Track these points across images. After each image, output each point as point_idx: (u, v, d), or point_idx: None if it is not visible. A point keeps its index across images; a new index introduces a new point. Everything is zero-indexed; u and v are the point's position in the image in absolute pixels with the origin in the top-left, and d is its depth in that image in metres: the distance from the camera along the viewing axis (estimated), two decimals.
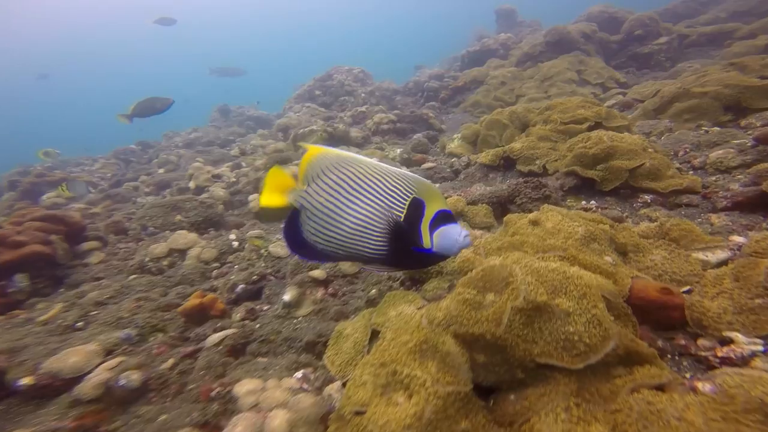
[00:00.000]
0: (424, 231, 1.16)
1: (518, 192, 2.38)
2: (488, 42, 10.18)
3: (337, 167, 1.18)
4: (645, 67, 6.61)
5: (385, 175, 1.17)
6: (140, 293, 2.58)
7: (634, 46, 6.93)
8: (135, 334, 2.21)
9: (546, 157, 2.75)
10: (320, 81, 10.38)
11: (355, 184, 1.16)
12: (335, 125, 6.38)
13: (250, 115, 11.51)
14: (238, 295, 2.60)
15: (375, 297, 2.00)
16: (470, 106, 7.58)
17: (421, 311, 1.30)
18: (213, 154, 7.89)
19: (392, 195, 1.15)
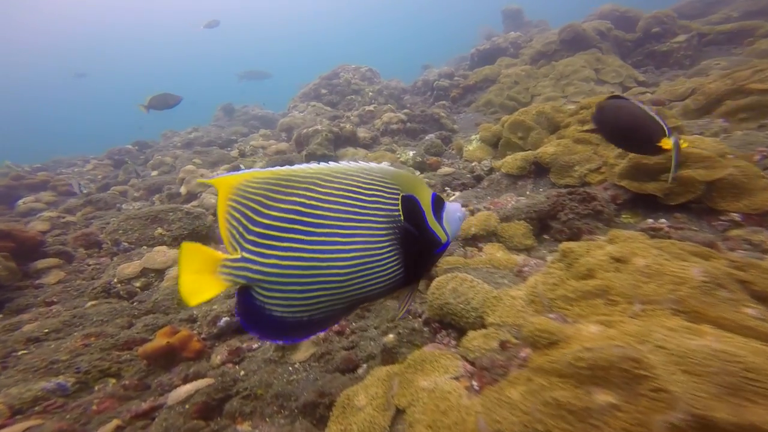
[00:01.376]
0: (434, 226, 0.98)
1: (561, 206, 1.91)
2: (498, 40, 9.80)
3: (280, 194, 0.86)
4: (664, 65, 6.18)
5: (354, 181, 0.89)
6: (94, 326, 2.11)
7: (652, 44, 6.51)
8: (72, 383, 1.72)
9: (587, 163, 2.28)
10: (326, 79, 10.03)
11: (322, 209, 0.86)
12: (341, 125, 5.93)
13: (255, 114, 11.12)
14: (221, 330, 2.12)
15: (393, 345, 1.53)
16: (483, 105, 7.16)
17: (473, 400, 0.83)
18: (212, 155, 7.41)
19: (379, 201, 0.90)
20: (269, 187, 0.86)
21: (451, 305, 1.37)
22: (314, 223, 0.85)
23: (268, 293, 0.87)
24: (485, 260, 1.72)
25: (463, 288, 1.40)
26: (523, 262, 1.61)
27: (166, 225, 3.26)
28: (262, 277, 0.86)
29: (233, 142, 8.45)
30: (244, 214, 0.86)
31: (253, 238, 0.85)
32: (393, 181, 0.94)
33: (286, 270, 0.85)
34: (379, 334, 1.78)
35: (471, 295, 1.34)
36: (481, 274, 1.56)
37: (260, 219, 0.85)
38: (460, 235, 2.13)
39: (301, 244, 0.85)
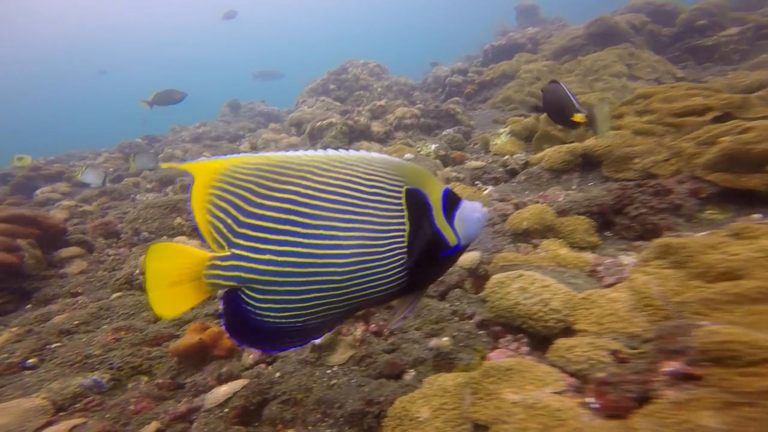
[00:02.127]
0: (441, 225, 0.87)
1: (629, 199, 1.75)
2: (515, 36, 9.62)
3: (274, 182, 0.76)
4: (707, 60, 5.90)
5: (353, 171, 0.80)
6: (122, 319, 2.00)
7: (694, 38, 6.22)
8: (107, 380, 1.62)
9: (651, 155, 2.12)
10: (335, 74, 10.08)
11: (320, 200, 0.77)
12: (356, 118, 5.80)
13: (260, 110, 11.15)
14: None
15: (450, 350, 1.39)
16: (500, 101, 6.97)
17: (602, 422, 0.69)
18: (221, 149, 7.46)
19: (380, 194, 0.81)
20: (262, 173, 0.76)
21: (523, 307, 1.23)
22: (311, 214, 0.76)
23: (260, 296, 0.77)
24: (547, 257, 1.58)
25: (535, 288, 1.26)
26: (596, 261, 1.46)
27: (185, 214, 3.15)
28: (254, 276, 0.75)
29: (241, 137, 8.49)
30: (233, 203, 0.74)
31: (244, 231, 0.75)
32: (396, 173, 0.83)
33: (281, 267, 0.75)
34: (422, 336, 1.64)
35: (547, 296, 1.20)
36: (547, 273, 1.42)
37: (253, 209, 0.75)
38: (509, 230, 1.99)
39: (298, 238, 0.75)
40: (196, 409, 1.50)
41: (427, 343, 1.58)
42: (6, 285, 2.30)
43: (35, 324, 2.03)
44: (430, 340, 1.57)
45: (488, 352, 1.29)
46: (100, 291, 2.40)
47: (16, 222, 2.43)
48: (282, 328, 0.79)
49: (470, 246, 1.13)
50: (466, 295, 1.78)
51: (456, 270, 1.88)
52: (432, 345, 1.52)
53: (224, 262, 0.75)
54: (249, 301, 0.77)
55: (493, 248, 1.93)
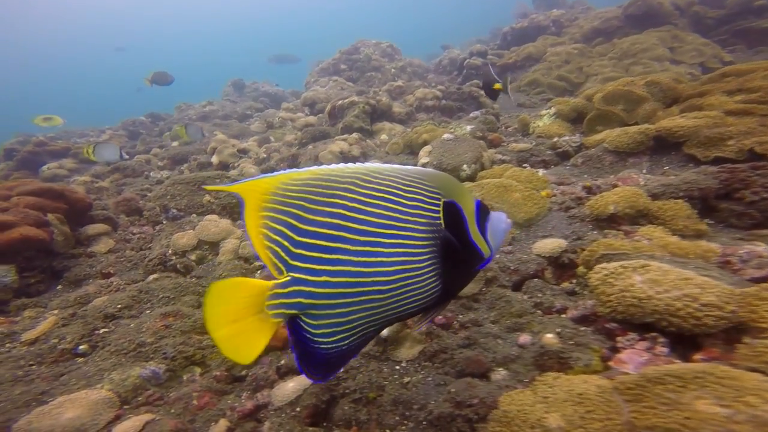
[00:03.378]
0: (476, 238, 0.87)
1: (743, 183, 1.56)
2: (538, 18, 9.23)
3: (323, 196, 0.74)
4: (760, 44, 5.56)
5: (392, 182, 0.79)
6: (166, 304, 1.83)
7: (748, 20, 5.85)
8: (164, 371, 1.47)
9: (751, 136, 1.91)
10: (346, 54, 9.82)
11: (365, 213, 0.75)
12: (378, 98, 5.53)
13: (265, 91, 10.95)
14: None
15: (559, 348, 1.21)
16: (526, 85, 6.67)
17: None
18: (232, 128, 7.26)
19: (420, 207, 0.80)
20: (310, 189, 0.74)
21: (658, 302, 1.05)
22: (358, 229, 0.74)
23: (315, 321, 0.75)
24: (655, 245, 1.40)
25: (671, 280, 1.08)
26: (726, 251, 1.28)
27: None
28: (313, 301, 0.73)
29: (249, 117, 8.31)
30: (287, 224, 0.72)
31: (300, 252, 0.73)
32: (433, 184, 0.82)
33: (335, 289, 0.73)
34: (503, 330, 1.48)
35: (693, 290, 1.02)
36: (665, 263, 1.24)
37: (306, 227, 0.73)
38: (589, 215, 1.80)
39: (348, 255, 0.73)
40: (263, 406, 1.35)
41: (512, 338, 1.42)
42: (37, 263, 2.12)
43: (76, 306, 1.87)
44: (517, 336, 1.41)
45: (607, 352, 1.13)
46: (132, 272, 2.23)
47: (44, 195, 2.23)
48: (333, 354, 0.78)
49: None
50: (547, 286, 1.62)
51: (532, 258, 1.71)
52: (521, 342, 1.36)
53: (285, 289, 0.73)
54: (307, 328, 0.75)
55: (573, 235, 1.75)
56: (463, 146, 3.15)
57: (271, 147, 4.85)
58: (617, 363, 1.03)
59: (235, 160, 4.60)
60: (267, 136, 5.86)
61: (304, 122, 6.43)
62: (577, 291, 1.53)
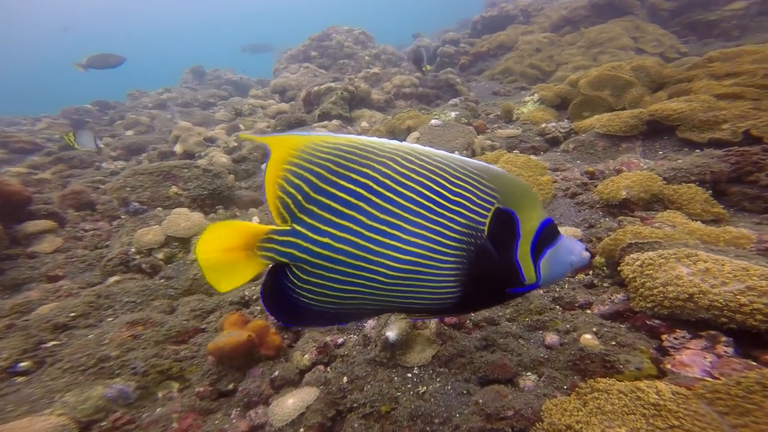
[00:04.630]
0: (523, 259, 0.76)
1: (756, 166, 1.54)
2: (507, 7, 9.31)
3: (354, 163, 0.71)
4: (707, 36, 5.89)
5: (440, 169, 0.72)
6: (132, 310, 1.55)
7: (696, 13, 6.17)
8: (134, 388, 1.21)
9: (746, 119, 1.92)
10: (317, 41, 9.59)
11: (394, 192, 0.71)
12: (356, 84, 5.28)
13: (228, 78, 10.55)
14: None
15: (600, 350, 1.10)
16: (499, 73, 6.67)
17: None
18: (195, 116, 6.75)
19: (464, 204, 0.72)
20: (341, 153, 0.72)
21: (715, 296, 0.96)
22: (380, 206, 0.71)
23: (304, 276, 0.74)
24: (682, 232, 1.33)
25: (728, 271, 0.99)
26: (763, 237, 1.23)
27: (182, 183, 2.61)
28: (307, 256, 0.72)
29: (212, 105, 7.93)
30: (306, 180, 0.71)
31: (311, 207, 0.72)
32: (492, 185, 0.74)
33: (335, 254, 0.72)
34: (523, 329, 1.36)
35: (757, 282, 0.94)
36: (706, 252, 1.16)
37: (325, 186, 0.71)
38: (599, 201, 1.73)
39: (360, 227, 0.71)
40: (259, 427, 1.15)
41: (536, 338, 1.31)
42: None
43: (14, 316, 1.52)
44: (542, 336, 1.29)
45: (655, 353, 1.04)
46: (86, 274, 1.89)
47: None
48: (313, 310, 0.77)
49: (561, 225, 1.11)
50: (565, 279, 1.52)
51: None
52: (549, 342, 1.25)
53: (282, 237, 0.72)
54: (292, 278, 0.75)
55: (584, 223, 1.68)
56: (452, 132, 3.02)
57: None
58: (678, 366, 0.93)
59: (201, 149, 4.19)
60: (236, 124, 5.44)
61: (276, 109, 6.04)
62: (595, 283, 1.45)
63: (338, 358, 1.48)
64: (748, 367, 0.86)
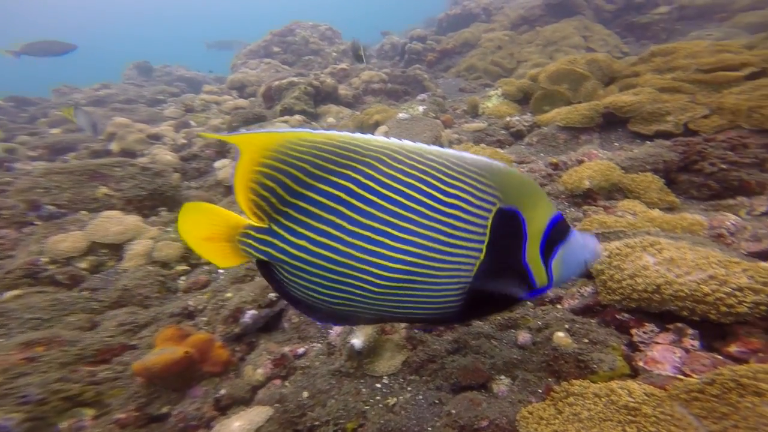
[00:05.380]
0: (533, 261, 0.70)
1: (701, 155, 1.57)
2: (470, 5, 9.53)
3: (333, 164, 0.66)
4: (643, 37, 6.31)
5: (433, 168, 0.66)
6: (36, 328, 1.29)
7: (632, 15, 6.60)
8: (19, 421, 0.98)
9: (686, 111, 1.99)
10: (279, 36, 9.35)
11: (379, 195, 0.65)
12: (321, 79, 5.07)
13: (180, 75, 10.02)
14: (246, 328, 1.44)
15: (574, 349, 1.02)
16: (464, 70, 6.76)
17: None
18: (139, 113, 6.21)
19: (460, 207, 0.66)
20: (320, 153, 0.66)
21: (681, 287, 0.91)
22: (363, 210, 0.66)
23: (288, 275, 0.72)
24: (643, 220, 1.31)
25: (692, 260, 0.96)
26: (713, 223, 1.23)
27: (114, 183, 2.29)
28: (284, 257, 0.69)
29: (161, 102, 7.30)
30: (281, 182, 0.66)
31: (287, 210, 0.68)
32: (493, 183, 0.67)
33: (314, 258, 0.68)
34: (494, 329, 1.29)
35: (719, 271, 0.90)
36: (669, 240, 1.13)
37: (301, 189, 0.67)
38: (564, 191, 1.70)
39: (341, 233, 0.66)
40: None
41: (508, 337, 1.23)
42: None
43: None
44: (514, 335, 1.22)
45: (626, 349, 0.98)
46: None
47: None
48: (308, 303, 0.74)
49: None
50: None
51: None
52: (521, 341, 1.17)
53: (258, 234, 0.69)
54: (280, 272, 0.72)
55: None
56: (420, 125, 2.93)
57: (192, 132, 4.10)
58: (650, 363, 0.88)
59: (144, 147, 3.78)
60: (186, 121, 5.02)
61: (233, 105, 5.69)
62: None
63: (298, 371, 1.33)
64: (715, 362, 0.82)
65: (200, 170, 3.28)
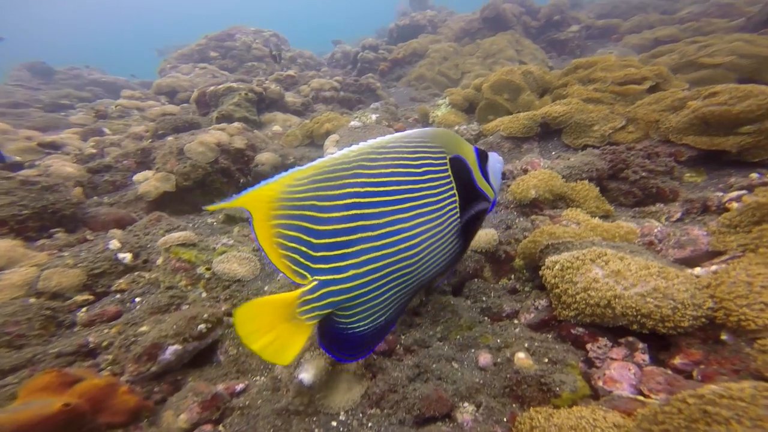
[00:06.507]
0: (482, 184, 0.93)
1: (624, 163, 1.67)
2: (417, 17, 9.84)
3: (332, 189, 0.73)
4: (563, 52, 6.97)
5: (399, 153, 0.79)
6: None
7: (552, 32, 7.26)
8: None
9: (608, 122, 2.13)
10: (217, 40, 8.82)
11: (378, 194, 0.75)
12: (265, 85, 4.78)
13: (94, 79, 9.08)
14: (167, 366, 1.21)
15: (536, 371, 0.95)
16: (414, 79, 6.89)
17: None
18: (31, 118, 5.35)
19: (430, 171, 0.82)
20: (318, 185, 0.71)
21: (629, 301, 0.91)
22: (375, 213, 0.74)
23: (350, 311, 0.76)
24: (587, 229, 1.33)
25: (635, 272, 0.96)
26: (644, 231, 1.27)
27: None
28: (344, 296, 0.74)
29: (67, 108, 6.50)
30: (302, 228, 0.71)
31: (322, 254, 0.72)
32: (436, 143, 0.85)
33: (364, 278, 0.74)
34: (455, 350, 1.22)
35: (660, 283, 0.91)
36: (617, 250, 1.15)
37: (322, 227, 0.72)
38: (513, 201, 1.71)
39: (370, 242, 0.74)
40: None
41: (469, 359, 1.16)
42: None
43: None
44: (475, 355, 1.15)
45: (583, 366, 0.95)
46: None
47: None
48: (370, 334, 0.80)
49: None
50: (489, 286, 1.42)
51: (468, 255, 1.50)
52: (482, 363, 1.11)
53: (314, 294, 0.72)
54: (340, 319, 0.76)
55: (502, 224, 1.62)
56: (372, 133, 2.84)
57: (104, 141, 3.57)
58: (609, 383, 0.85)
59: (34, 157, 3.20)
60: (98, 128, 4.39)
61: (160, 111, 5.12)
62: (518, 288, 1.38)
63: (236, 411, 1.13)
64: (668, 379, 0.81)
65: (115, 183, 2.85)
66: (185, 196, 2.62)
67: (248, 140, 3.02)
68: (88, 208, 2.36)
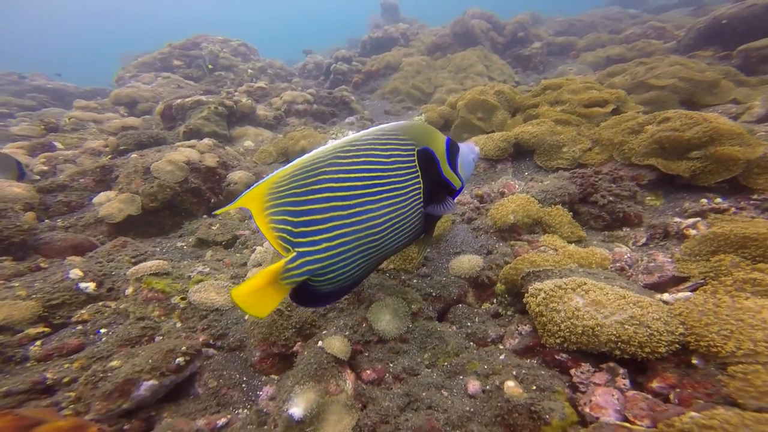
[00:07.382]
0: (448, 174, 1.09)
1: (593, 187, 1.78)
2: (390, 30, 9.98)
3: (309, 179, 0.93)
4: (527, 68, 7.37)
5: (370, 145, 0.97)
6: None
7: (517, 48, 7.66)
8: None
9: (576, 144, 2.27)
10: (181, 49, 8.54)
11: (350, 180, 0.94)
12: (236, 98, 4.64)
13: (39, 85, 8.48)
14: (141, 401, 1.12)
15: (526, 399, 0.98)
16: (389, 92, 6.98)
17: None
18: None
19: (398, 160, 0.99)
20: (298, 178, 0.92)
21: (609, 329, 0.97)
22: (346, 195, 0.93)
23: (321, 278, 0.95)
24: (564, 256, 1.40)
25: (613, 301, 1.02)
26: (615, 257, 1.36)
27: None
28: (318, 265, 0.93)
29: (5, 116, 6.22)
30: (286, 212, 0.92)
31: (300, 230, 0.92)
32: (407, 136, 1.00)
33: (334, 250, 0.93)
34: (443, 377, 1.23)
35: (636, 311, 0.98)
36: (593, 279, 1.22)
37: (300, 208, 0.91)
38: (492, 226, 1.77)
39: (341, 220, 0.93)
40: None
41: (458, 386, 1.17)
42: None
43: None
44: (464, 382, 1.16)
45: (569, 392, 0.99)
46: None
47: None
48: (336, 291, 1.00)
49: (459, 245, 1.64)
50: (473, 311, 1.45)
51: (452, 281, 1.53)
52: (471, 390, 1.13)
53: (293, 263, 0.92)
54: (314, 284, 0.97)
55: (483, 250, 1.66)
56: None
57: (57, 156, 3.29)
58: (595, 409, 0.89)
59: None
60: (48, 142, 4.05)
61: (120, 124, 4.82)
62: (500, 312, 1.42)
63: None
64: (650, 404, 0.87)
65: (70, 204, 2.63)
66: (151, 218, 2.47)
67: (220, 157, 2.91)
68: (40, 234, 2.16)
